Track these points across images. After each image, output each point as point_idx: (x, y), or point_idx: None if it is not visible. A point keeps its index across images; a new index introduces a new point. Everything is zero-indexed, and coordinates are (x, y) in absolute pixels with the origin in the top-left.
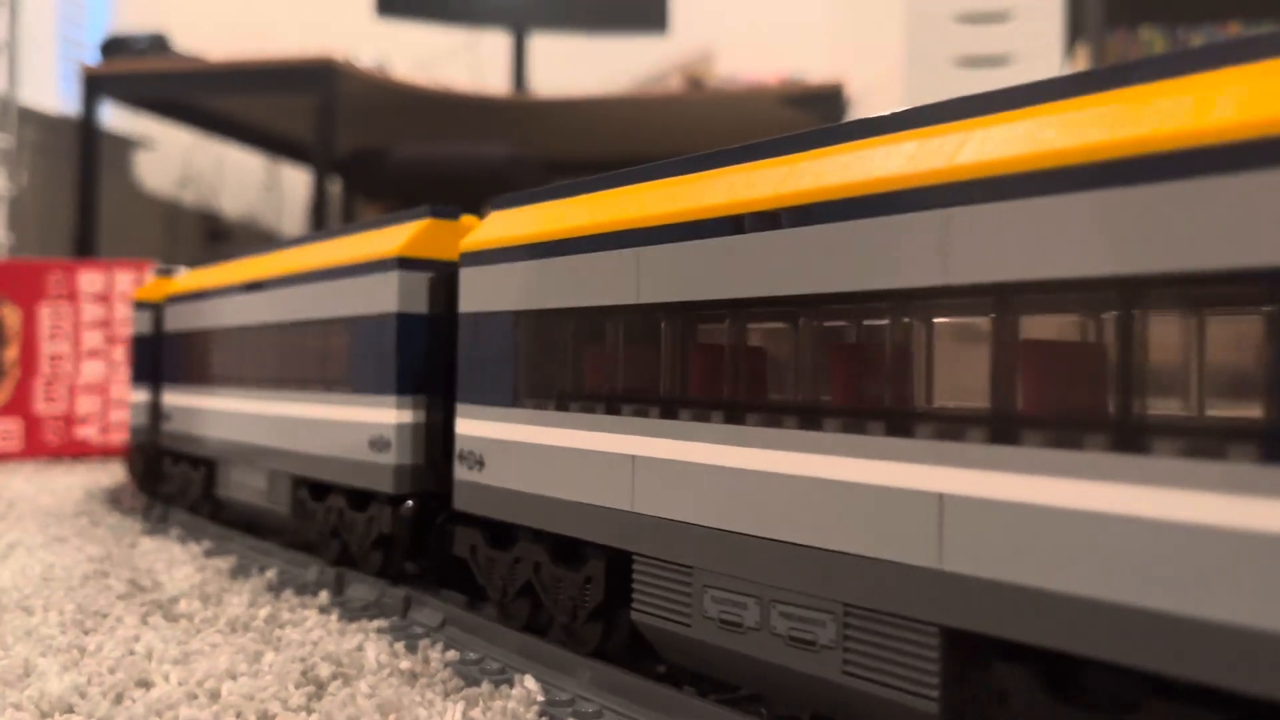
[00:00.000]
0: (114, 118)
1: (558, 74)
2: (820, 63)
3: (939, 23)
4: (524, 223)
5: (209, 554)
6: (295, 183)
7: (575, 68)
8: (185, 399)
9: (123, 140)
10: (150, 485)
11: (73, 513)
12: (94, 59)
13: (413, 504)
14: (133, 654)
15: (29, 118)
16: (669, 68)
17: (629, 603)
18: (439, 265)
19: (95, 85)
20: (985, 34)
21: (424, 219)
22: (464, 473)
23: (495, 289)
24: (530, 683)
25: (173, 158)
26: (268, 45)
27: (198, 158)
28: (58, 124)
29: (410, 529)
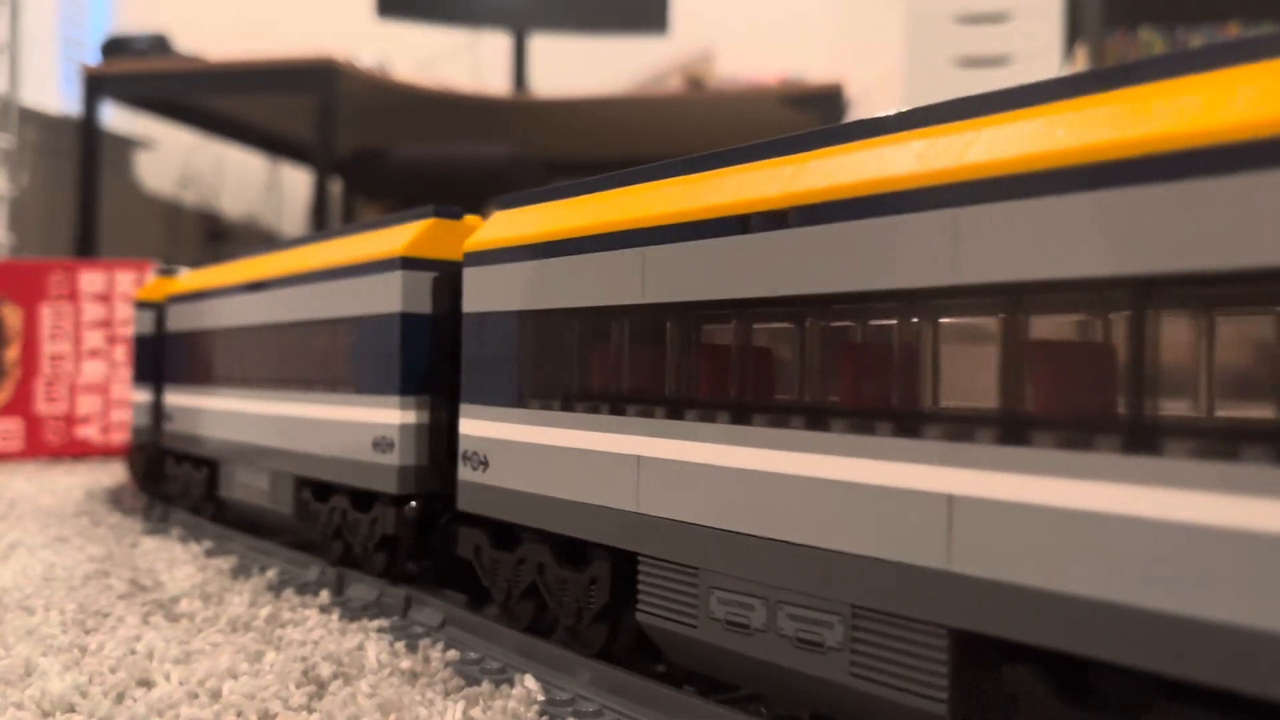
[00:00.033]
0: (115, 118)
1: (558, 74)
2: (820, 63)
3: (938, 23)
4: (528, 222)
5: (210, 554)
6: (296, 183)
7: (575, 68)
8: (187, 399)
9: (123, 140)
10: (152, 486)
11: (74, 512)
12: (95, 59)
13: (416, 505)
14: (134, 653)
15: (30, 118)
16: (669, 68)
17: (634, 604)
18: (443, 265)
19: (96, 85)
20: (985, 34)
21: (428, 219)
22: (468, 473)
23: (499, 289)
24: (530, 682)
25: (173, 158)
26: (268, 45)
27: (198, 158)
28: (59, 124)
29: (414, 530)
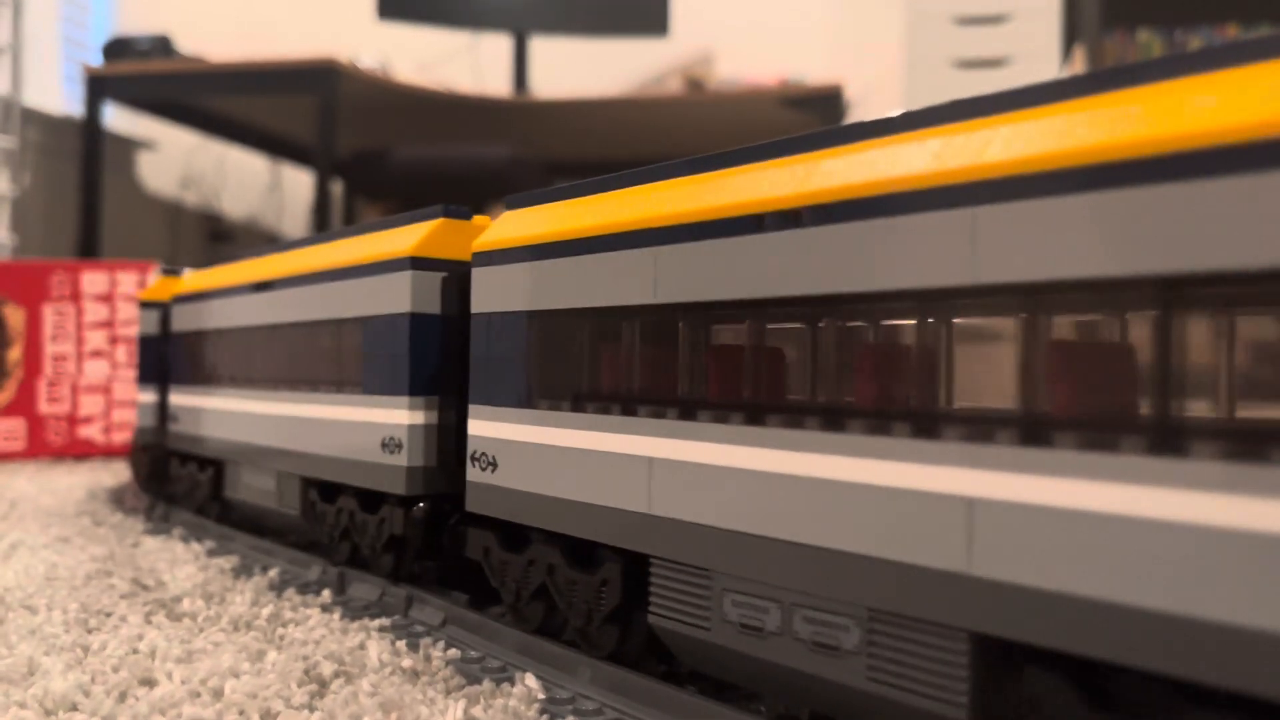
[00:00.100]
0: (117, 119)
1: (558, 76)
2: (820, 64)
3: (938, 25)
4: (538, 222)
5: (211, 553)
6: (297, 184)
7: (576, 70)
8: (193, 399)
9: (125, 141)
10: (157, 486)
11: (75, 512)
12: (97, 60)
13: (425, 506)
14: (136, 652)
15: (32, 119)
16: (669, 69)
17: (645, 606)
18: (452, 265)
19: (98, 86)
20: (984, 36)
21: (436, 219)
22: (477, 474)
23: (508, 289)
24: (531, 681)
25: (175, 159)
26: (270, 47)
27: (200, 159)
28: (61, 125)
29: (422, 531)
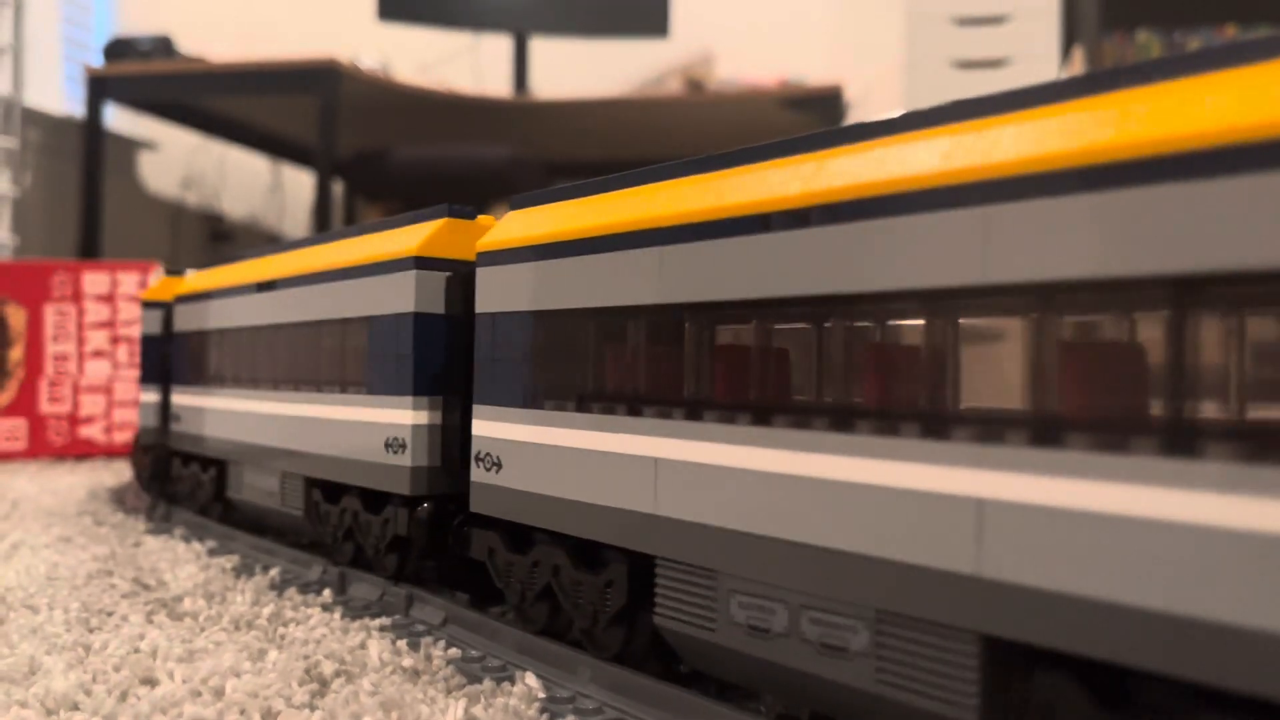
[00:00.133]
0: (118, 119)
1: (558, 76)
2: (819, 65)
3: (937, 25)
4: (542, 222)
5: (213, 553)
6: (298, 184)
7: (576, 70)
8: (195, 399)
9: (127, 142)
10: (159, 486)
11: (77, 512)
12: (98, 61)
13: (429, 506)
14: (137, 652)
15: (34, 119)
16: (669, 70)
17: (651, 607)
18: (456, 265)
19: (99, 87)
20: (983, 36)
21: (441, 218)
22: (481, 474)
23: (513, 289)
24: (531, 680)
25: (176, 159)
26: (271, 47)
27: (201, 159)
28: (62, 125)
29: (426, 531)
